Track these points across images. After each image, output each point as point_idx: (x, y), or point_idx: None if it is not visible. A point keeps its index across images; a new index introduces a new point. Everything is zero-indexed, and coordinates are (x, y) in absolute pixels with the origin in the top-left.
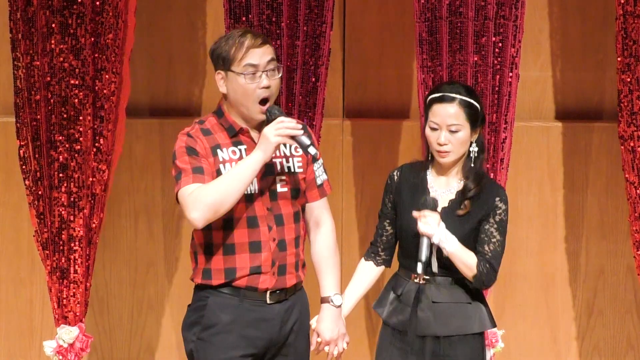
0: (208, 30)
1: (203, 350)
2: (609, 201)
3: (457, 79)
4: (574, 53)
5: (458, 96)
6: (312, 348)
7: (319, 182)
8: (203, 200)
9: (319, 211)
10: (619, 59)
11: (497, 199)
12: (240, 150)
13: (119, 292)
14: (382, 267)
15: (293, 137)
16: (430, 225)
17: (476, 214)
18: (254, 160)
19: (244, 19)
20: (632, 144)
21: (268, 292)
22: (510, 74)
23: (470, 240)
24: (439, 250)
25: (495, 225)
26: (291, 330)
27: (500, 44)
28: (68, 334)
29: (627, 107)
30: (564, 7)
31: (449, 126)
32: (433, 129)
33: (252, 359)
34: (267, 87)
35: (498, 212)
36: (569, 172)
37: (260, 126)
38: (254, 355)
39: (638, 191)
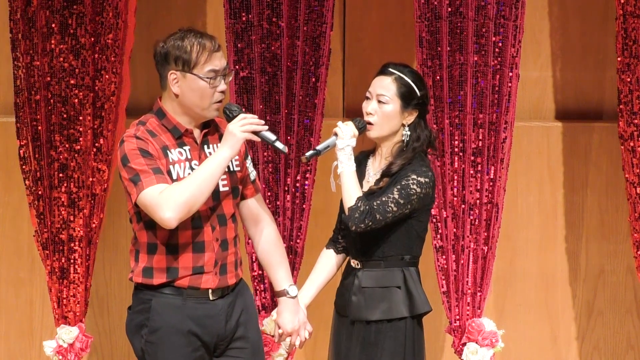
0: (208, 31)
1: (154, 352)
2: (609, 201)
3: (457, 79)
4: (574, 53)
5: (397, 72)
6: (275, 340)
7: (252, 177)
8: (177, 200)
9: (257, 207)
10: (619, 58)
11: (411, 172)
12: (185, 151)
13: (119, 292)
14: (343, 255)
15: (257, 133)
16: (343, 132)
17: (388, 189)
18: (222, 157)
19: (244, 18)
20: (632, 144)
21: (210, 290)
22: (510, 74)
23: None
24: (367, 236)
25: (398, 187)
26: (238, 324)
27: (500, 44)
28: (68, 334)
29: (627, 107)
30: (564, 7)
31: (378, 96)
32: (367, 99)
33: (202, 353)
34: (223, 92)
35: (406, 179)
36: (569, 172)
37: (202, 126)
38: (202, 350)
39: (638, 191)
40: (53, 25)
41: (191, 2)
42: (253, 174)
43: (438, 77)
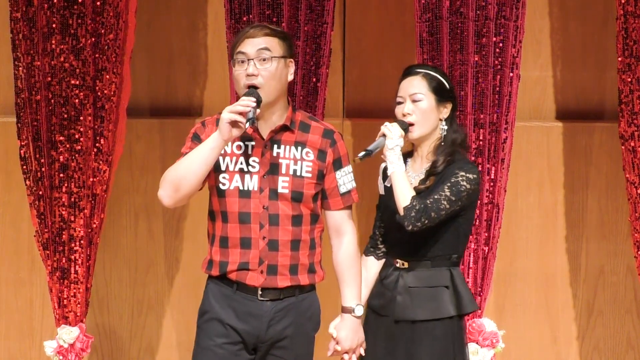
0: (208, 31)
1: (197, 335)
2: (609, 201)
3: (457, 79)
4: (574, 53)
5: (423, 70)
6: (329, 353)
7: (342, 190)
8: (166, 178)
9: (340, 220)
10: (619, 59)
11: (458, 169)
12: (247, 145)
13: (119, 292)
14: (384, 261)
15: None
16: (392, 131)
17: (437, 188)
18: (212, 139)
19: (244, 18)
20: (632, 144)
21: (259, 289)
22: (511, 74)
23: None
24: (417, 236)
25: (448, 184)
26: (284, 334)
27: (500, 44)
28: (68, 334)
29: (628, 107)
30: (564, 7)
31: (411, 95)
32: (399, 103)
33: (240, 349)
34: (252, 75)
35: (455, 176)
36: (569, 172)
37: (276, 123)
38: (240, 346)
39: (638, 191)
40: (53, 25)
41: (191, 2)
42: (345, 187)
43: None
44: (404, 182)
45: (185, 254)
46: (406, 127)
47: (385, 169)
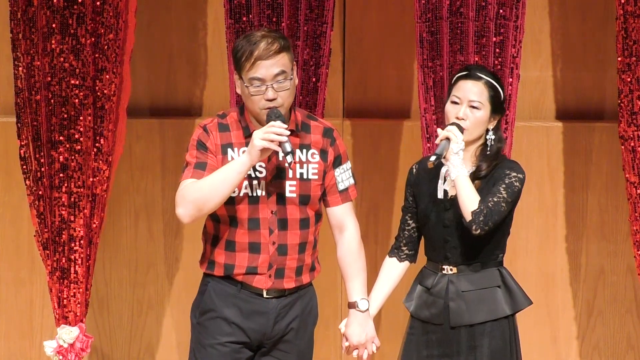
0: (208, 30)
1: (198, 333)
2: (609, 201)
3: None
4: (574, 53)
5: (485, 77)
6: (343, 351)
7: (341, 187)
8: (187, 198)
9: (342, 216)
10: (619, 58)
11: (508, 169)
12: None
13: (119, 292)
14: (406, 263)
15: (279, 143)
16: (457, 136)
17: (487, 190)
18: (240, 163)
19: (244, 18)
20: (632, 144)
21: (264, 290)
22: (511, 74)
23: None
24: (469, 240)
25: (503, 185)
26: (289, 327)
27: (501, 44)
28: (68, 334)
29: (628, 107)
30: (564, 7)
31: (470, 102)
32: (454, 103)
33: (243, 347)
34: (273, 99)
35: (508, 177)
36: (569, 172)
37: None
38: (244, 344)
39: (638, 191)
40: (53, 25)
41: (191, 2)
42: (344, 184)
43: (439, 78)
44: (470, 187)
45: (185, 254)
46: (462, 130)
47: (415, 171)
